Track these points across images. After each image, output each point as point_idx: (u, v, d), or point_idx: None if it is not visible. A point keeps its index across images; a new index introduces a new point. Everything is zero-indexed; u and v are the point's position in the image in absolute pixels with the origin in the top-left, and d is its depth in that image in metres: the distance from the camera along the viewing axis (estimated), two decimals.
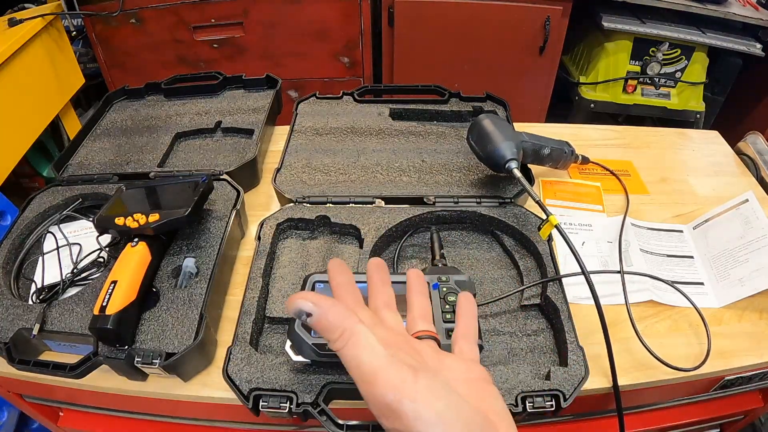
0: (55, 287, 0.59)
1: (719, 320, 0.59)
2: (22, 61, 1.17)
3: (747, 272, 0.60)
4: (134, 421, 0.65)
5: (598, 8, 1.48)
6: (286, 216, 0.64)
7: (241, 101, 0.85)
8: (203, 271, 0.57)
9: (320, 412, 0.46)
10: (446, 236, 0.66)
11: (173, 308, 0.53)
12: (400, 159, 0.74)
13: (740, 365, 0.55)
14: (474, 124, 0.68)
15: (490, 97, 0.83)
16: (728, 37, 1.43)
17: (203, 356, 0.53)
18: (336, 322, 0.31)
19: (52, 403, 0.65)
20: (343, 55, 1.55)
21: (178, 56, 1.54)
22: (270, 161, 0.81)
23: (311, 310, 0.32)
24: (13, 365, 0.50)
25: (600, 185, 0.76)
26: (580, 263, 0.52)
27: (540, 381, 0.48)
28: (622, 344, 0.55)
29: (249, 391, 0.47)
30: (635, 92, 1.54)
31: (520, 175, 0.61)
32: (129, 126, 0.82)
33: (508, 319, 0.57)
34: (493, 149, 0.64)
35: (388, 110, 0.82)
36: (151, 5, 1.42)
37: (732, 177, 0.80)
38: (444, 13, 1.44)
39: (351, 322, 0.31)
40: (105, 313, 0.48)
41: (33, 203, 0.68)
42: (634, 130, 0.90)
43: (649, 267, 0.64)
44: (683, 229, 0.70)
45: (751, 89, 1.61)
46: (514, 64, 1.56)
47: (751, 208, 0.64)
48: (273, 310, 0.56)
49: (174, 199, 0.61)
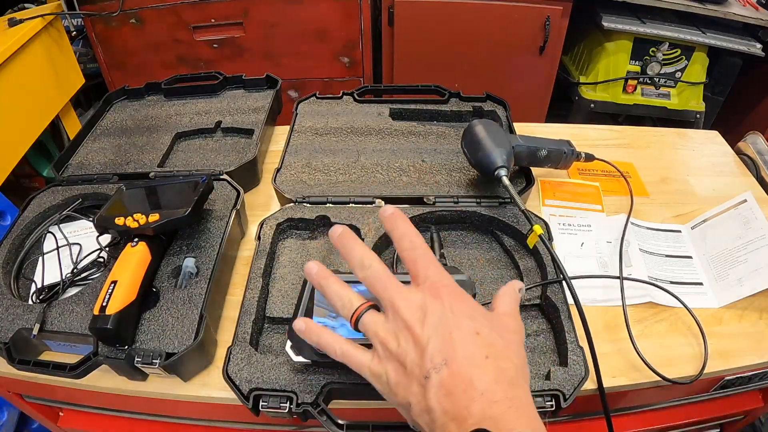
0: (55, 287, 0.59)
1: (719, 320, 0.59)
2: (22, 61, 1.17)
3: (746, 272, 0.60)
4: (134, 421, 0.65)
5: (598, 8, 1.48)
6: (286, 216, 0.64)
7: (241, 101, 0.85)
8: (203, 271, 0.57)
9: (320, 412, 0.46)
10: (446, 236, 0.66)
11: (173, 308, 0.53)
12: (400, 159, 0.74)
13: (740, 365, 0.55)
14: (466, 130, 0.68)
15: (490, 97, 0.83)
16: (728, 37, 1.43)
17: (203, 356, 0.53)
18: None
19: (52, 403, 0.65)
20: (343, 55, 1.55)
21: (178, 56, 1.54)
22: (270, 161, 0.81)
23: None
24: (13, 365, 0.50)
25: (599, 185, 0.76)
26: (563, 271, 0.52)
27: (540, 381, 0.49)
28: (621, 345, 0.55)
29: (249, 391, 0.47)
30: (635, 92, 1.54)
31: (508, 183, 0.61)
32: (129, 126, 0.82)
33: None
34: (483, 156, 0.63)
35: (388, 110, 0.82)
36: (151, 5, 1.42)
37: (732, 177, 0.80)
38: (444, 13, 1.44)
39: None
40: (105, 313, 0.48)
41: (33, 203, 0.68)
42: (634, 130, 0.90)
43: (649, 267, 0.64)
44: (681, 229, 0.70)
45: (751, 89, 1.61)
46: (514, 64, 1.56)
47: (750, 208, 0.64)
48: (273, 310, 0.56)
49: (174, 199, 0.61)
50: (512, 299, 0.40)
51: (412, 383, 0.34)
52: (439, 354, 0.33)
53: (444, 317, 0.35)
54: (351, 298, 0.39)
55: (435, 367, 0.33)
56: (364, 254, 0.39)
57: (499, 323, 0.37)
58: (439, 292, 0.36)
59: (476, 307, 0.37)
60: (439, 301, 0.36)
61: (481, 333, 0.35)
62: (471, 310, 0.36)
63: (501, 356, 0.34)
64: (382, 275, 0.38)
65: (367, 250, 0.40)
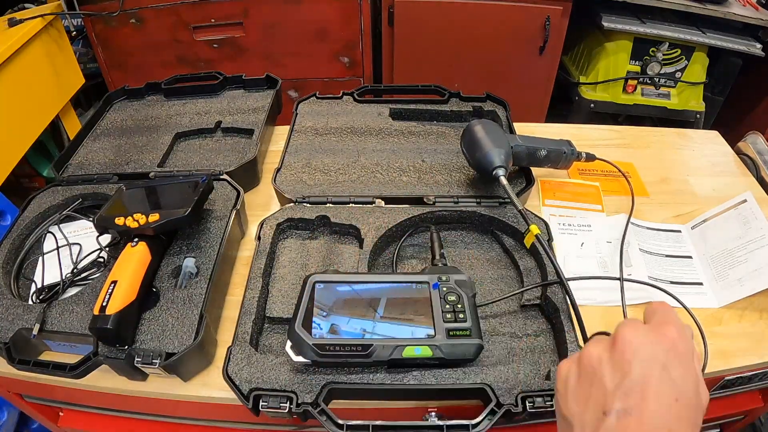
0: (55, 287, 0.59)
1: (719, 320, 0.59)
2: (22, 61, 1.17)
3: (746, 272, 0.60)
4: (134, 421, 0.65)
5: (598, 8, 1.48)
6: (286, 216, 0.64)
7: (241, 101, 0.85)
8: (203, 271, 0.57)
9: (320, 412, 0.46)
10: (446, 236, 0.66)
11: (173, 308, 0.53)
12: (400, 159, 0.74)
13: (740, 365, 0.55)
14: (465, 130, 0.68)
15: (490, 97, 0.83)
16: (728, 37, 1.43)
17: (203, 356, 0.53)
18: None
19: (52, 403, 0.65)
20: (343, 55, 1.55)
21: (178, 56, 1.54)
22: (270, 161, 0.81)
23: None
24: (13, 365, 0.50)
25: (599, 185, 0.76)
26: (560, 273, 0.53)
27: (540, 381, 0.49)
28: None
29: (249, 391, 0.47)
30: (635, 92, 1.54)
31: (505, 183, 0.61)
32: (129, 126, 0.82)
33: (508, 319, 0.57)
34: (482, 156, 0.64)
35: (388, 110, 0.82)
36: (151, 5, 1.42)
37: (732, 177, 0.80)
38: (444, 13, 1.44)
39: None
40: (105, 313, 0.48)
41: (33, 203, 0.68)
42: (634, 130, 0.90)
43: (649, 267, 0.64)
44: (681, 229, 0.70)
45: (751, 89, 1.61)
46: (514, 64, 1.56)
47: (750, 208, 0.64)
48: (273, 310, 0.56)
49: (174, 199, 0.61)
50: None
51: (588, 408, 0.32)
52: (632, 396, 0.30)
53: (655, 360, 0.32)
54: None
55: (622, 409, 0.30)
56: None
57: (699, 398, 0.33)
58: (665, 335, 0.33)
59: (691, 376, 0.32)
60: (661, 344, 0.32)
61: (680, 401, 0.31)
62: (684, 373, 0.32)
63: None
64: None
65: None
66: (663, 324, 0.34)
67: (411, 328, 0.48)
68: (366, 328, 0.48)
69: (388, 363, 0.48)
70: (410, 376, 0.48)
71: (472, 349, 0.48)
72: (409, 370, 0.48)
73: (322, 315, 0.48)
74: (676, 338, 0.33)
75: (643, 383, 0.31)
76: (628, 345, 0.32)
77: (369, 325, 0.48)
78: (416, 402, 0.52)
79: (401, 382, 0.48)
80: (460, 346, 0.48)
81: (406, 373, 0.48)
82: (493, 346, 0.54)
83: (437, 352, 0.47)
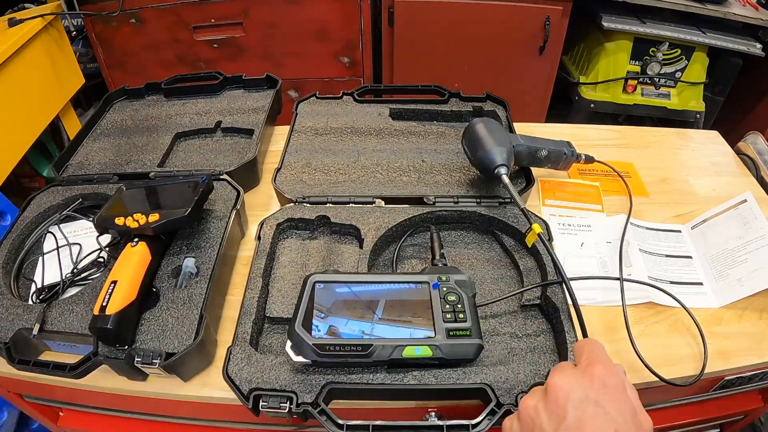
0: (55, 287, 0.59)
1: (719, 320, 0.59)
2: (22, 61, 1.17)
3: (746, 272, 0.60)
4: (134, 421, 0.65)
5: (598, 8, 1.48)
6: (286, 216, 0.64)
7: (241, 101, 0.85)
8: (203, 271, 0.57)
9: (320, 412, 0.46)
10: (446, 236, 0.66)
11: (173, 308, 0.53)
12: (400, 159, 0.74)
13: (740, 365, 0.55)
14: (467, 128, 0.68)
15: (490, 97, 0.83)
16: (728, 37, 1.43)
17: (203, 356, 0.53)
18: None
19: (52, 403, 0.65)
20: (343, 55, 1.55)
21: (178, 56, 1.54)
22: (270, 161, 0.81)
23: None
24: (13, 365, 0.50)
25: (599, 185, 0.76)
26: (561, 272, 0.53)
27: (540, 381, 0.48)
28: (621, 345, 0.55)
29: (249, 391, 0.47)
30: (635, 92, 1.54)
31: (507, 182, 0.61)
32: (129, 126, 0.82)
33: (508, 319, 0.57)
34: (483, 155, 0.64)
35: (388, 110, 0.82)
36: (151, 5, 1.42)
37: (732, 177, 0.80)
38: (444, 13, 1.44)
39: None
40: (105, 313, 0.48)
41: (33, 203, 0.68)
42: (634, 130, 0.90)
43: (648, 267, 0.64)
44: (681, 229, 0.70)
45: (751, 89, 1.61)
46: (514, 64, 1.56)
47: (750, 208, 0.64)
48: (273, 310, 0.56)
49: (174, 199, 0.61)
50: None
51: None
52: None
53: (587, 400, 0.34)
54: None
55: None
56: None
57: (638, 425, 0.34)
58: (593, 375, 0.35)
59: (626, 407, 0.34)
60: (589, 383, 0.35)
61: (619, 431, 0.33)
62: (618, 405, 0.34)
63: None
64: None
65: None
66: (590, 364, 0.36)
67: (411, 328, 0.48)
68: (365, 330, 0.48)
69: (388, 363, 0.48)
70: (410, 376, 0.48)
71: (472, 349, 0.48)
72: (409, 370, 0.49)
73: (320, 317, 0.48)
74: (605, 375, 0.35)
75: (580, 424, 0.33)
76: (560, 390, 0.35)
77: (368, 327, 0.48)
78: (416, 402, 0.52)
79: (401, 382, 0.48)
80: (460, 346, 0.48)
81: (406, 373, 0.48)
82: (493, 346, 0.54)
83: (437, 352, 0.47)
